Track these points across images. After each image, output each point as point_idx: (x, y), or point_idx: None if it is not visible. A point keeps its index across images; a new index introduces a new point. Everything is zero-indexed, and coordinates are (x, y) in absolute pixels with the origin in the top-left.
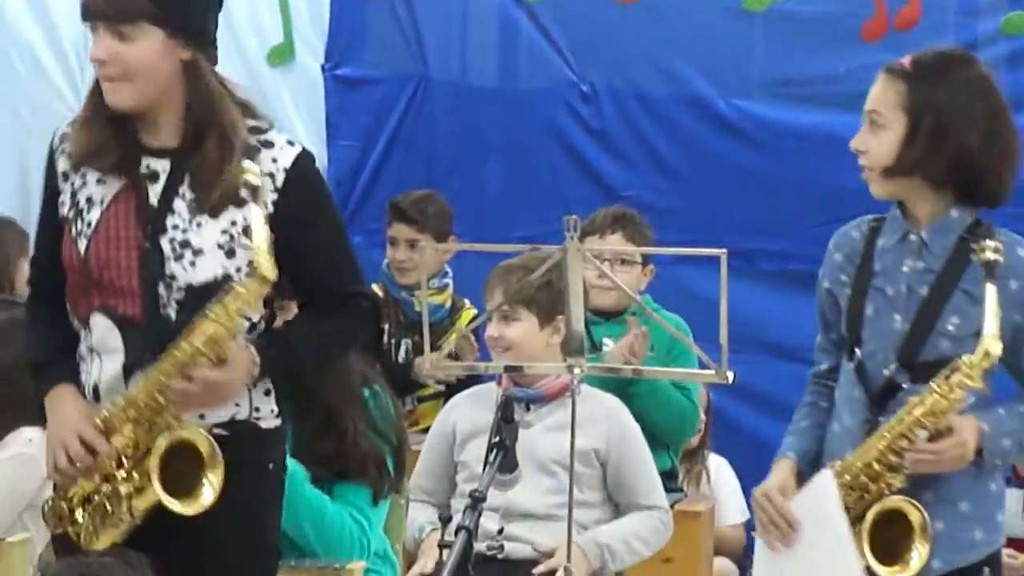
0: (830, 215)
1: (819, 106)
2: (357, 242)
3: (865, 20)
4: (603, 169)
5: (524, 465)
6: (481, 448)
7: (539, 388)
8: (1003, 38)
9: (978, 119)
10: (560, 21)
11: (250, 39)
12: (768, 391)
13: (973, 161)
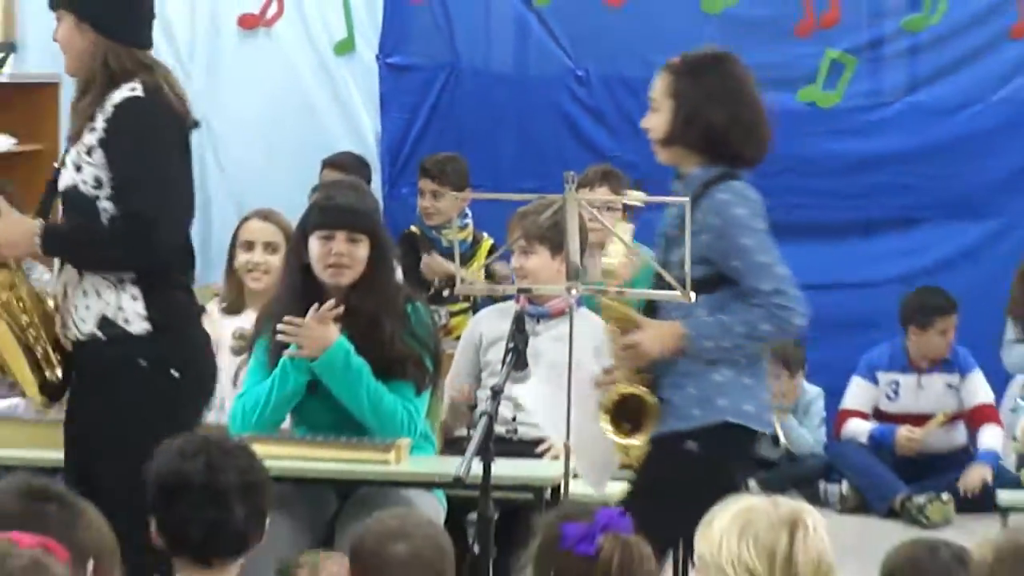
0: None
1: (761, 87)
2: (404, 192)
3: (798, 20)
4: (594, 136)
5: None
6: (500, 352)
7: (547, 307)
8: (904, 35)
9: (724, 103)
10: (562, 21)
11: (321, 35)
12: None
13: (719, 135)
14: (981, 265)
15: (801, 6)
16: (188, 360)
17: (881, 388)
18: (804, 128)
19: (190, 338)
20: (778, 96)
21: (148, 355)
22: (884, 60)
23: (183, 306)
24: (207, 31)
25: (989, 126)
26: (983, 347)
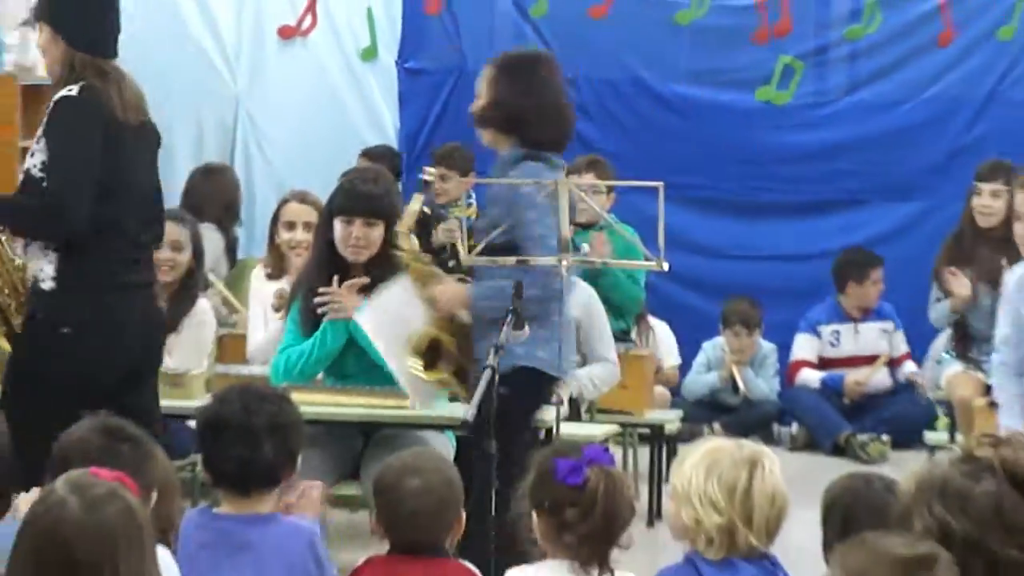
0: (731, 159)
1: (723, 87)
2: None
3: (755, 30)
4: (581, 130)
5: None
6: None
7: None
8: (846, 42)
9: (529, 95)
10: (553, 30)
11: (349, 44)
12: (690, 276)
13: (522, 121)
14: (913, 239)
15: (757, 17)
16: (86, 321)
17: (824, 339)
18: (761, 123)
19: (93, 301)
20: (739, 95)
21: (46, 310)
22: (828, 64)
23: (94, 273)
24: (251, 41)
25: (919, 121)
26: (914, 308)
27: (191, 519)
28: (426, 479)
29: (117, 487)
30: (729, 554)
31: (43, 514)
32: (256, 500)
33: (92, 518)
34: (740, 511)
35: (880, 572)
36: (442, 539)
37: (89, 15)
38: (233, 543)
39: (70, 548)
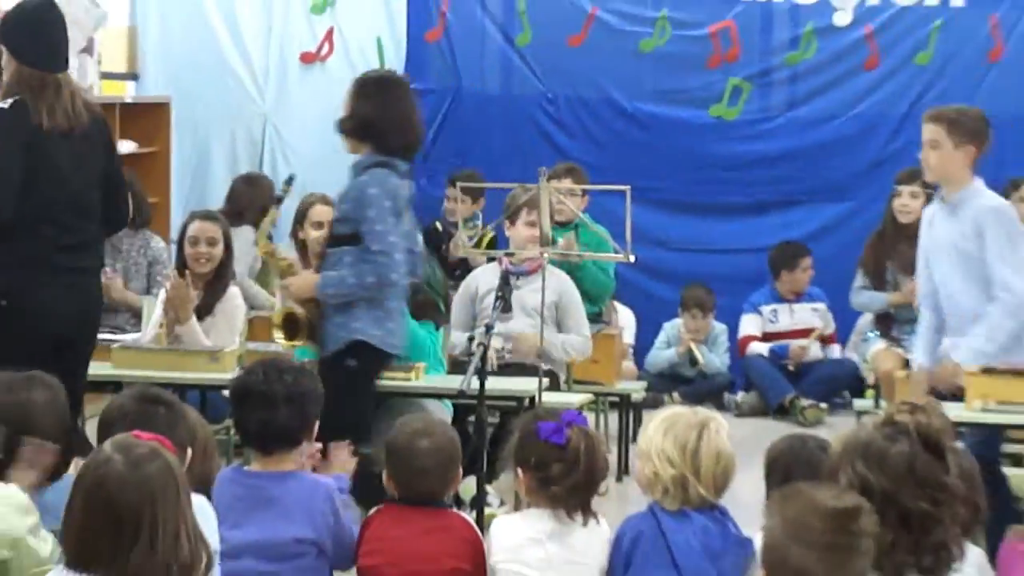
0: (688, 166)
1: (682, 105)
2: (423, 183)
3: (708, 56)
4: (560, 142)
5: (515, 309)
6: (491, 299)
7: (525, 266)
8: (786, 67)
9: (377, 108)
10: (536, 57)
11: (361, 67)
12: (654, 267)
13: (369, 131)
14: (842, 235)
15: (711, 45)
16: (15, 293)
17: (765, 317)
18: (713, 135)
19: (23, 277)
20: (695, 112)
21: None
22: (771, 85)
23: (23, 254)
24: (277, 65)
25: (848, 133)
26: (842, 294)
27: (226, 475)
28: (434, 441)
29: (157, 446)
30: (683, 504)
31: (92, 470)
32: (279, 459)
33: (134, 473)
34: (690, 466)
35: (813, 520)
36: (444, 492)
37: (33, 36)
38: (261, 496)
39: (114, 499)
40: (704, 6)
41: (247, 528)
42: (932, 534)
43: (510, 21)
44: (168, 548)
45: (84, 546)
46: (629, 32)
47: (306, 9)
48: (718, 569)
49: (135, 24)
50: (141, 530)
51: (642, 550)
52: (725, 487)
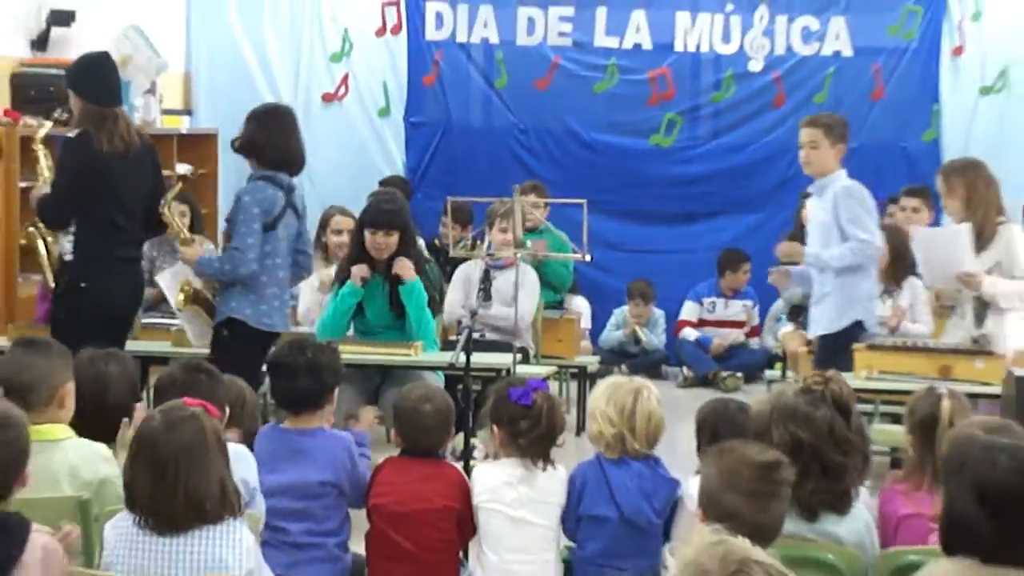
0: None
1: (628, 135)
2: (419, 197)
3: (649, 96)
4: (530, 164)
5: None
6: (475, 289)
7: (502, 263)
8: (711, 104)
9: (264, 132)
10: (512, 96)
11: (371, 105)
12: (605, 264)
13: (257, 149)
14: (755, 239)
15: (650, 87)
16: (94, 278)
17: (704, 306)
18: (653, 159)
19: (97, 267)
20: (638, 140)
21: (69, 272)
22: (699, 119)
23: (95, 251)
24: (304, 103)
25: (760, 158)
26: (756, 287)
27: (264, 431)
28: (435, 404)
29: (196, 411)
30: (622, 455)
31: (142, 427)
32: (306, 418)
33: (168, 434)
34: (627, 424)
35: (742, 471)
36: (442, 446)
37: (95, 79)
38: (292, 447)
39: (152, 454)
40: (645, 56)
41: (282, 473)
42: (843, 481)
43: (490, 68)
44: (198, 492)
45: (134, 489)
46: (585, 77)
47: (326, 58)
48: (651, 505)
49: (189, 70)
50: (173, 477)
51: (589, 490)
52: (656, 441)
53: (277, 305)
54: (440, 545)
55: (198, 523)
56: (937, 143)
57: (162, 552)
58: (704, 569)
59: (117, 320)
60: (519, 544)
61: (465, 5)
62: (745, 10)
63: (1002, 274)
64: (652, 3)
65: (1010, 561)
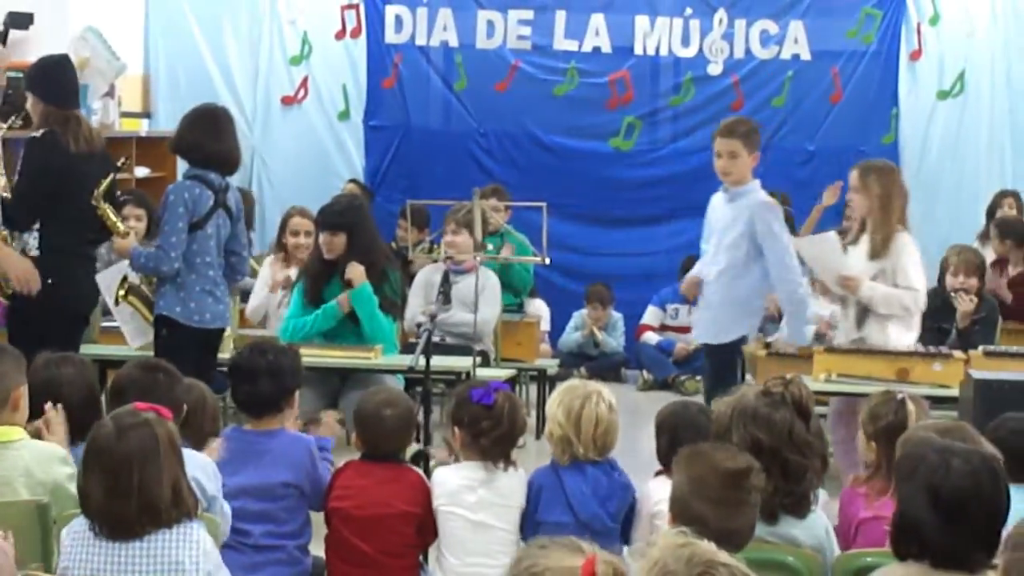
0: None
1: (587, 138)
2: (379, 200)
3: (608, 99)
4: (490, 168)
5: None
6: (435, 292)
7: (463, 266)
8: (669, 108)
9: (195, 132)
10: (471, 99)
11: (330, 108)
12: (564, 267)
13: (189, 149)
14: None
15: (610, 91)
16: (60, 273)
17: (668, 312)
18: (612, 163)
19: (62, 262)
20: (598, 143)
21: (40, 269)
22: (658, 122)
23: (59, 246)
24: (263, 106)
25: None
26: None
27: (228, 433)
28: (396, 409)
29: (149, 417)
30: (571, 460)
31: (92, 436)
32: (267, 420)
33: (119, 441)
34: (573, 429)
35: (711, 478)
36: (402, 451)
37: (56, 82)
38: (254, 449)
39: (104, 460)
40: (605, 59)
41: (243, 474)
42: (802, 483)
43: (450, 71)
44: (152, 496)
45: (88, 496)
46: (545, 80)
47: (286, 61)
48: (606, 509)
49: (148, 72)
50: (126, 483)
51: (545, 496)
52: (607, 447)
53: (210, 302)
54: (400, 549)
55: (153, 527)
56: (895, 146)
57: (118, 557)
58: (670, 570)
59: (78, 317)
60: (479, 548)
61: (424, 8)
62: (704, 14)
63: (885, 281)
64: (611, 7)
65: (960, 566)
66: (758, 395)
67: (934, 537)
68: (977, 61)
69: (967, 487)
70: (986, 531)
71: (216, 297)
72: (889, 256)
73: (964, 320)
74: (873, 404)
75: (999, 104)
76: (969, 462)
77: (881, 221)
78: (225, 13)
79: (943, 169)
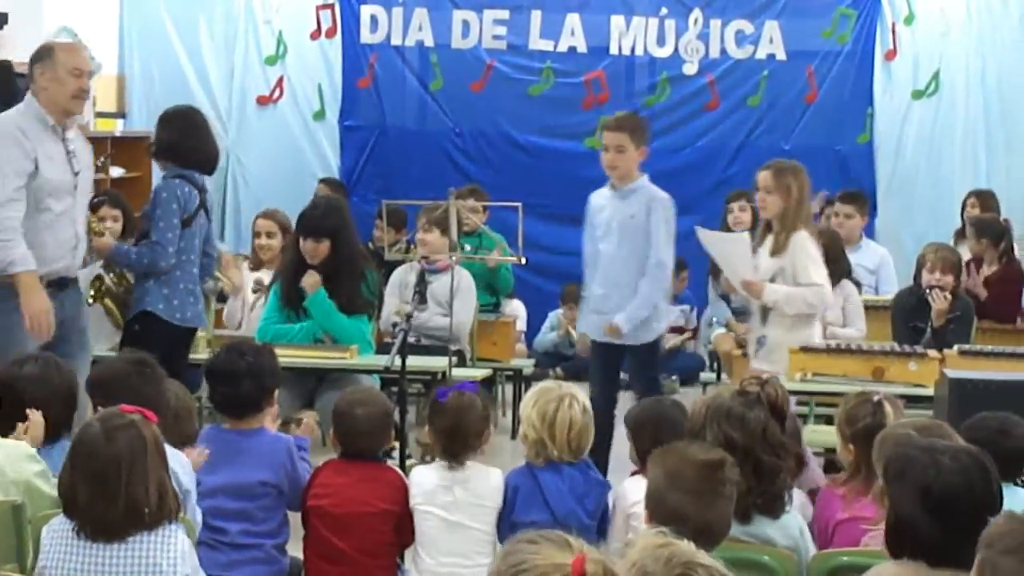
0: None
1: (562, 138)
2: (355, 201)
3: (584, 98)
4: (465, 167)
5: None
6: (410, 292)
7: (438, 266)
8: (645, 108)
9: (173, 134)
10: (446, 99)
11: (305, 108)
12: (540, 267)
13: (170, 150)
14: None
15: (585, 90)
16: None
17: None
18: (588, 162)
19: None
20: (573, 143)
21: None
22: None
23: None
24: (238, 106)
25: (695, 161)
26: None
27: (207, 433)
28: (369, 408)
29: (135, 419)
30: (546, 461)
31: (79, 436)
32: (247, 420)
33: (108, 442)
34: (546, 431)
35: (686, 470)
36: (378, 449)
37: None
38: (234, 448)
39: (91, 461)
40: (580, 59)
41: (222, 473)
42: (776, 483)
43: (425, 71)
44: (138, 499)
45: (72, 495)
46: (520, 80)
47: (261, 61)
48: (583, 507)
49: (123, 73)
50: (113, 485)
51: (522, 496)
52: (581, 449)
53: (192, 301)
54: (378, 548)
55: (135, 529)
56: (871, 146)
57: (98, 558)
58: (649, 571)
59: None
60: (455, 548)
61: (400, 8)
62: (679, 14)
63: (785, 280)
64: (587, 6)
65: (955, 563)
66: (733, 394)
67: (927, 536)
68: (952, 61)
69: (958, 484)
70: (979, 527)
71: (196, 296)
72: (788, 254)
73: (939, 318)
74: (849, 406)
75: (974, 103)
76: (958, 460)
77: (792, 221)
78: (200, 13)
79: (918, 168)
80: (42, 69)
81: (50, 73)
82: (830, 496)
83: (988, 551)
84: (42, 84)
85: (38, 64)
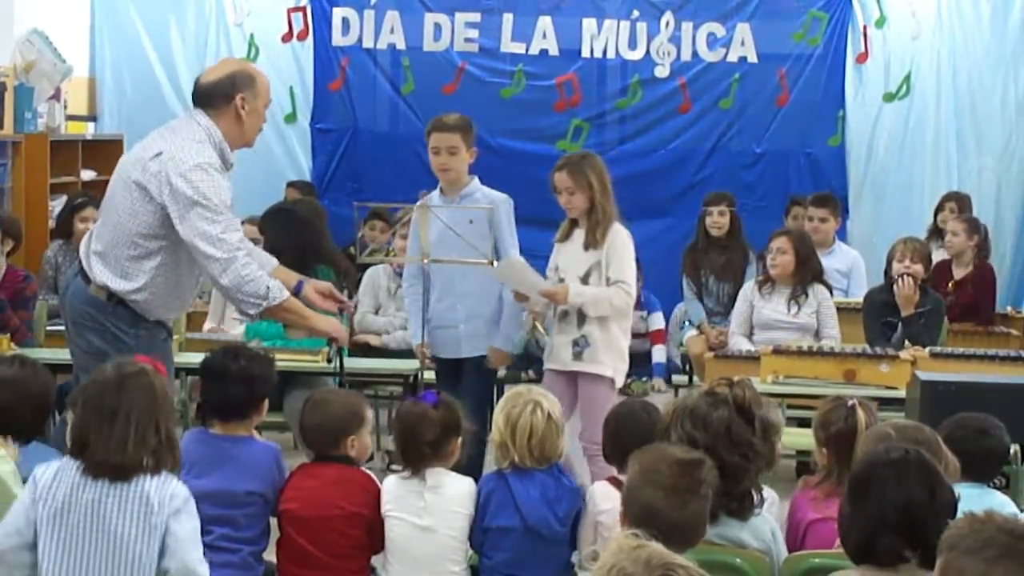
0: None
1: (534, 141)
2: (326, 203)
3: (556, 101)
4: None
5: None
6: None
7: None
8: (617, 110)
9: None
10: (418, 102)
11: (277, 111)
12: None
13: None
14: (662, 244)
15: (557, 93)
16: None
17: None
18: None
19: None
20: (545, 146)
21: None
22: (605, 125)
23: None
24: None
25: (666, 163)
26: (662, 294)
27: (192, 436)
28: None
29: (147, 368)
30: (510, 465)
31: (93, 379)
32: (235, 426)
33: (119, 385)
34: (509, 435)
35: (662, 467)
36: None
37: None
38: (221, 455)
39: (102, 401)
40: (552, 62)
41: (208, 479)
42: (741, 483)
43: (397, 74)
44: (139, 442)
45: (80, 435)
46: (492, 82)
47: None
48: (554, 513)
49: (94, 76)
50: (120, 426)
51: (494, 502)
52: (544, 455)
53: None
54: (348, 551)
55: (138, 472)
56: (842, 148)
57: (99, 494)
58: (628, 573)
59: None
60: (425, 553)
61: (371, 11)
62: (651, 17)
63: (600, 273)
64: (558, 9)
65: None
66: (702, 395)
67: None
68: (923, 63)
69: (919, 496)
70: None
71: None
72: (604, 248)
73: (907, 306)
74: (824, 411)
75: (945, 106)
76: (924, 471)
77: (604, 211)
78: (171, 16)
79: (889, 170)
80: (244, 96)
81: (251, 104)
82: (802, 499)
83: (950, 553)
84: (241, 114)
85: (239, 91)
